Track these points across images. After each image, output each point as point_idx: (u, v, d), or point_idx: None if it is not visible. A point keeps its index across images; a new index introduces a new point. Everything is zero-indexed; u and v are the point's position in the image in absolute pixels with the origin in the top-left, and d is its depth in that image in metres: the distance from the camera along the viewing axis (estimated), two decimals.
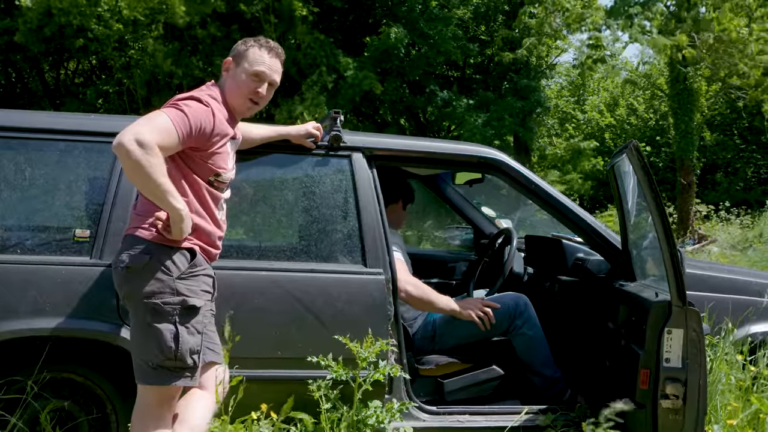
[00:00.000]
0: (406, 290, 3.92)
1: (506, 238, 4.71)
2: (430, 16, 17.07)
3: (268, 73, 3.14)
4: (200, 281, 2.98)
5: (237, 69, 3.13)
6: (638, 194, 3.68)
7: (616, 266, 4.01)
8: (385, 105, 19.28)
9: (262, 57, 3.13)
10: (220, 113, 3.03)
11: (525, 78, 18.60)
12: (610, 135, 29.38)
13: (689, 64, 17.16)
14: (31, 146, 3.56)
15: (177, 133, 2.81)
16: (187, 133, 2.85)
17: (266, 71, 3.13)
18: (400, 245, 4.22)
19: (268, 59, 3.15)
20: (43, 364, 3.25)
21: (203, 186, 3.02)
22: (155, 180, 2.70)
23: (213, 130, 2.94)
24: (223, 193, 3.15)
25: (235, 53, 3.17)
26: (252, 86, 3.12)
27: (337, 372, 3.25)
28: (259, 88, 3.13)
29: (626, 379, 3.48)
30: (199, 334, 2.91)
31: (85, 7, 15.11)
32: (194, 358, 2.88)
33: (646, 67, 29.76)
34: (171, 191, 2.77)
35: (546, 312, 4.40)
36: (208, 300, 3.01)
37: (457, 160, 4.17)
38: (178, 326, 2.85)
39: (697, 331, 3.27)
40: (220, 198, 3.11)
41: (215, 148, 2.99)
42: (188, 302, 2.89)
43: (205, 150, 2.97)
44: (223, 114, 3.05)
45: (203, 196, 3.02)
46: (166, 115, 2.82)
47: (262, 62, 3.12)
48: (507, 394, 4.07)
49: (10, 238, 3.44)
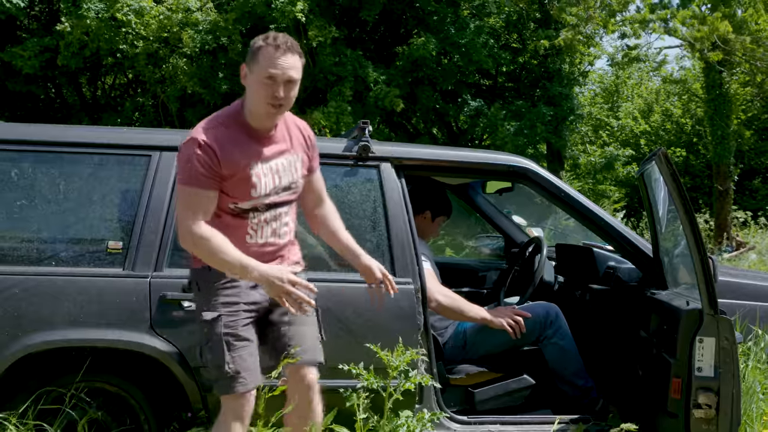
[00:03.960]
0: (437, 300, 3.93)
1: (536, 246, 4.70)
2: (461, 25, 17.07)
3: (281, 73, 2.88)
4: (217, 294, 2.98)
5: (251, 75, 2.94)
6: (669, 202, 3.65)
7: (648, 274, 3.98)
8: (417, 114, 19.30)
9: (273, 56, 2.89)
10: (217, 144, 2.92)
11: (558, 85, 18.51)
12: (645, 141, 29.08)
13: (725, 68, 16.95)
14: (65, 160, 3.64)
15: (202, 189, 2.88)
16: (209, 176, 2.88)
17: (279, 72, 2.88)
18: (428, 255, 4.22)
19: (280, 57, 2.89)
20: (77, 375, 3.31)
21: (224, 213, 2.99)
22: (216, 259, 2.88)
23: (219, 162, 2.90)
24: (255, 217, 3.03)
25: (248, 57, 3.00)
26: (268, 90, 2.89)
27: (369, 380, 3.24)
28: (276, 91, 2.89)
29: (659, 388, 3.45)
30: (219, 345, 2.92)
31: (109, 34, 15.61)
32: (223, 370, 2.89)
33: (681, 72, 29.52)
34: (232, 260, 2.87)
35: (577, 321, 4.37)
36: (230, 311, 2.97)
37: (487, 169, 4.18)
38: (205, 340, 2.96)
39: (729, 340, 3.23)
40: (246, 224, 3.02)
41: (228, 179, 2.95)
42: (202, 317, 2.96)
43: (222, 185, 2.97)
44: (227, 141, 2.95)
45: (226, 222, 2.99)
46: (182, 185, 2.92)
47: (273, 63, 2.88)
48: (538, 403, 4.05)
49: (46, 251, 3.52)
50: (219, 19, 15.89)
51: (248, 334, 3.00)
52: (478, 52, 16.56)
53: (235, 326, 2.97)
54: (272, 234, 3.07)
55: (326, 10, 16.28)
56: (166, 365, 3.42)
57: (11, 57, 16.29)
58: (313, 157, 3.23)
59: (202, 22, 15.97)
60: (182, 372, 3.42)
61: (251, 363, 2.96)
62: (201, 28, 15.98)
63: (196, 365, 3.39)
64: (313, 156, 3.22)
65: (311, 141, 3.21)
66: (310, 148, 3.20)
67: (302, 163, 3.14)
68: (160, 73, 17.00)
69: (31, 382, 3.37)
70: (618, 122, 30.23)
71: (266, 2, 15.12)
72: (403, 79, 16.54)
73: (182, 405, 3.58)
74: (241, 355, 2.94)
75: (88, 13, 15.29)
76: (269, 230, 3.07)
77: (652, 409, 3.55)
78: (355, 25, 17.71)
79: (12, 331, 3.31)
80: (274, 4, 14.91)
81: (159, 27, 15.81)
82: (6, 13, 15.72)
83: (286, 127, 3.12)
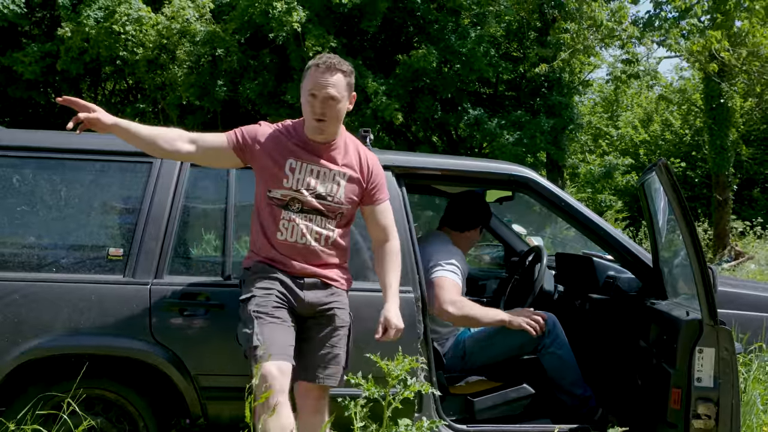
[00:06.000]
0: (447, 311, 3.98)
1: (536, 255, 4.70)
2: (462, 34, 17.06)
3: (320, 90, 3.12)
4: (255, 281, 3.18)
5: (301, 96, 3.22)
6: (669, 212, 3.66)
7: (648, 284, 3.98)
8: (417, 123, 19.28)
9: (315, 75, 3.14)
10: (273, 130, 3.26)
11: (558, 94, 18.51)
12: (644, 151, 29.10)
13: (724, 78, 16.98)
14: (67, 166, 3.65)
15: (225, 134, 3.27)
16: (239, 136, 3.24)
17: (318, 89, 3.12)
18: (462, 267, 4.22)
19: (320, 76, 3.13)
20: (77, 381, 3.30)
21: (262, 200, 3.24)
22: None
23: (257, 141, 3.22)
24: (287, 215, 3.20)
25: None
26: (310, 108, 3.16)
27: (369, 389, 3.24)
28: (316, 107, 3.14)
29: (658, 398, 3.45)
30: (250, 320, 3.07)
31: (108, 41, 15.64)
32: (252, 342, 3.00)
33: (680, 82, 29.56)
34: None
35: (577, 330, 4.37)
36: (263, 293, 3.14)
37: (487, 178, 4.19)
38: (240, 319, 3.17)
39: (728, 350, 3.23)
40: (279, 218, 3.19)
41: (257, 160, 3.22)
42: (241, 296, 3.19)
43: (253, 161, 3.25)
44: (281, 133, 3.25)
45: (262, 211, 3.24)
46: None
47: (314, 81, 3.14)
48: (538, 413, 4.04)
49: (46, 257, 3.52)
50: (217, 29, 15.91)
51: (280, 314, 3.13)
52: (478, 60, 16.56)
53: (266, 305, 3.11)
54: (302, 236, 3.20)
55: (325, 20, 16.28)
56: (165, 372, 3.42)
57: (12, 62, 16.32)
58: (373, 190, 3.35)
59: (200, 32, 15.98)
60: (182, 379, 3.42)
61: (280, 338, 3.06)
62: (198, 39, 16.01)
63: (196, 373, 3.40)
64: (371, 188, 3.34)
65: (371, 173, 3.35)
66: (367, 177, 3.33)
67: (351, 184, 3.28)
68: (161, 81, 17.00)
69: (31, 388, 3.37)
70: (617, 131, 30.25)
71: (264, 12, 15.12)
72: (404, 89, 16.53)
73: (181, 412, 3.58)
74: (271, 329, 3.05)
75: (87, 20, 15.33)
76: (299, 232, 3.20)
77: (652, 419, 3.54)
78: (355, 34, 17.70)
79: (12, 337, 3.31)
80: (271, 13, 14.92)
81: (158, 36, 15.84)
82: (4, 19, 15.76)
83: (345, 148, 3.31)
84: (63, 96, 2.99)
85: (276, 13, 14.84)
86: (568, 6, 16.64)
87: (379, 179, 3.37)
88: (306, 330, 3.25)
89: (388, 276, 3.33)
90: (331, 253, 3.27)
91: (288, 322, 3.14)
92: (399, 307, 3.30)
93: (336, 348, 3.24)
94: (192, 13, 15.94)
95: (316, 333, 3.24)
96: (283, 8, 14.83)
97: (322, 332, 3.23)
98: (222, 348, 3.41)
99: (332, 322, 3.25)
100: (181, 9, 15.79)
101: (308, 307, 3.22)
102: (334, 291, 3.27)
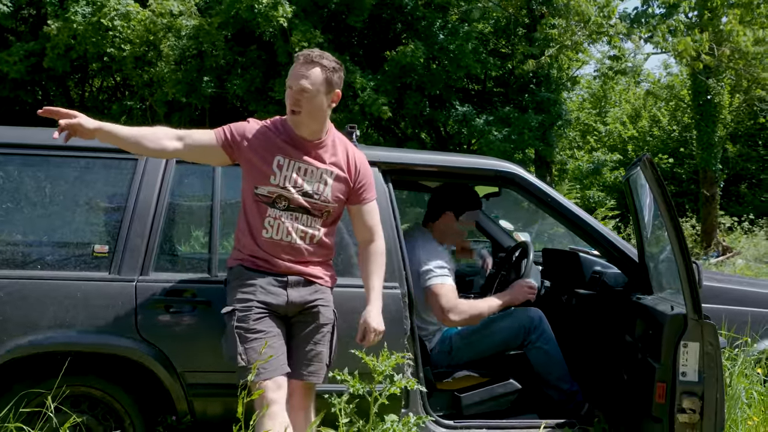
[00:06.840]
0: (451, 320, 4.04)
1: (523, 251, 4.70)
2: (450, 30, 17.04)
3: (294, 81, 3.12)
4: (235, 291, 3.16)
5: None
6: (654, 207, 3.67)
7: (633, 279, 4.00)
8: (406, 119, 19.27)
9: (294, 68, 3.15)
10: (261, 127, 3.23)
11: (546, 91, 18.52)
12: (632, 147, 29.15)
13: (711, 75, 17.05)
14: (52, 163, 3.63)
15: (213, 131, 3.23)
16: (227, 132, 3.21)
17: (293, 81, 3.13)
18: (448, 265, 4.22)
19: (298, 68, 3.13)
20: (62, 379, 3.28)
21: (249, 197, 3.21)
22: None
23: (245, 138, 3.19)
24: (273, 213, 3.18)
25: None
26: (286, 99, 3.17)
27: (354, 386, 3.25)
28: (290, 99, 3.14)
29: (643, 392, 3.46)
30: (233, 337, 3.07)
31: (96, 38, 15.60)
32: (236, 361, 3.04)
33: (668, 78, 29.65)
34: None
35: (563, 325, 4.39)
36: (243, 306, 3.12)
37: (474, 174, 4.19)
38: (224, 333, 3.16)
39: (713, 345, 3.25)
40: (264, 215, 3.17)
41: (245, 157, 3.19)
42: (222, 310, 3.15)
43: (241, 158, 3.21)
44: (269, 130, 3.22)
45: (249, 208, 3.21)
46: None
47: (291, 73, 3.15)
48: (525, 408, 4.06)
49: (31, 254, 3.50)
50: (203, 22, 15.83)
51: (262, 326, 3.12)
52: (466, 57, 16.55)
53: (247, 320, 3.10)
54: (287, 234, 3.19)
55: (312, 15, 16.23)
56: (151, 369, 3.41)
57: None
58: (361, 189, 3.33)
59: (186, 26, 15.91)
60: (168, 376, 3.42)
61: (267, 353, 3.06)
62: (183, 33, 15.93)
63: (182, 370, 3.40)
64: (358, 187, 3.32)
65: (359, 172, 3.33)
66: (354, 177, 3.31)
67: (338, 183, 3.25)
68: (148, 77, 16.93)
69: (16, 386, 3.36)
70: (606, 127, 30.31)
71: (250, 7, 15.06)
72: (392, 85, 16.51)
73: (168, 409, 3.57)
74: (254, 347, 3.06)
75: (75, 16, 15.25)
76: (284, 230, 3.18)
77: (637, 413, 3.56)
78: (342, 30, 17.66)
79: None
80: (257, 8, 14.86)
81: (145, 31, 15.77)
82: None
83: (334, 146, 3.29)
84: (45, 107, 2.97)
85: (262, 8, 14.78)
86: (557, 2, 16.66)
87: (366, 179, 3.36)
88: (291, 327, 3.25)
89: (372, 278, 3.32)
90: (316, 251, 3.26)
91: (272, 331, 3.13)
92: (385, 304, 3.31)
93: (320, 345, 3.24)
94: (176, 5, 15.85)
95: (300, 330, 3.24)
96: (269, 3, 14.77)
97: (306, 330, 3.23)
98: (208, 345, 3.39)
99: (316, 319, 3.25)
100: (165, 1, 15.73)
101: (293, 306, 3.21)
102: (318, 288, 3.27)
